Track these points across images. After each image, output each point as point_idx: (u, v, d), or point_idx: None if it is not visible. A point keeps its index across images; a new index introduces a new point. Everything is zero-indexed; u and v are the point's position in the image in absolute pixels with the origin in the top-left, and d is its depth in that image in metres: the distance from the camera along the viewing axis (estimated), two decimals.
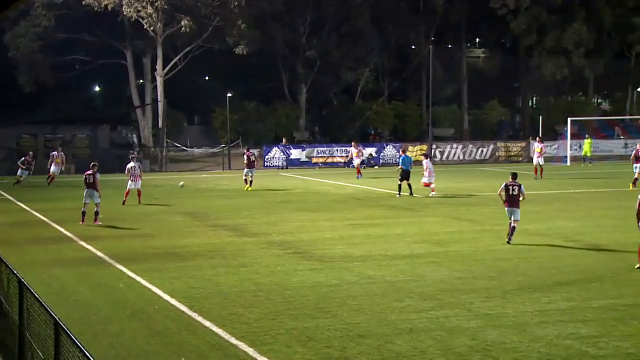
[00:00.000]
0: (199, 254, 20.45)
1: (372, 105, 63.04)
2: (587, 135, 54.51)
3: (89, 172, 25.81)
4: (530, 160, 56.98)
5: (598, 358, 11.52)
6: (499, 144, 58.02)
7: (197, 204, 31.65)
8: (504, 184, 21.62)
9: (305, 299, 15.33)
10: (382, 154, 55.30)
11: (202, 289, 16.28)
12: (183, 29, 52.53)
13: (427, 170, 33.04)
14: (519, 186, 21.41)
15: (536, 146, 43.30)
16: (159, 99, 56.52)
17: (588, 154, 52.38)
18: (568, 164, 52.73)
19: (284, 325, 13.47)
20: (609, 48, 66.25)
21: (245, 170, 37.01)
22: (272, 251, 20.72)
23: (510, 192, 21.38)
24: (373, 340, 12.53)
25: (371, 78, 68.44)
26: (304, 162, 52.92)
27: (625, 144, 58.46)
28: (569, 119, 55.85)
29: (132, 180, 31.16)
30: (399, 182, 33.17)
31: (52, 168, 41.08)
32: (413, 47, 67.21)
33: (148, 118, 58.43)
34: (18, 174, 40.01)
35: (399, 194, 33.04)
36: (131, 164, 31.30)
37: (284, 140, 52.67)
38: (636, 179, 35.12)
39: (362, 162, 47.10)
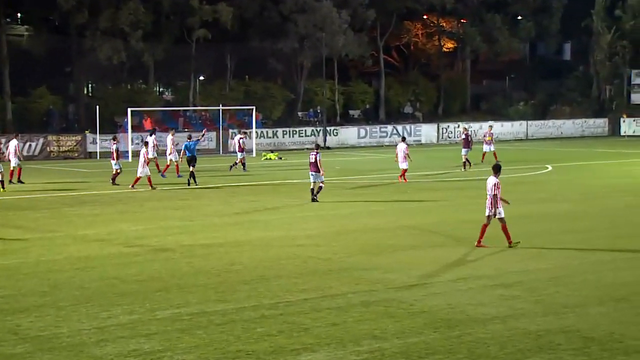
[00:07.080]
0: None
1: None
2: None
3: None
4: (87, 155, 57.25)
5: None
6: (50, 138, 57.13)
7: None
8: (310, 154, 30.97)
9: None
10: None
11: None
12: None
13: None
14: (317, 154, 30.72)
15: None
16: None
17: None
18: (130, 160, 53.70)
19: None
20: (169, 32, 68.72)
21: None
22: None
23: (311, 160, 30.73)
24: None
25: None
26: None
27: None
28: (129, 110, 56.99)
29: None
30: (191, 170, 38.03)
31: None
32: None
33: None
34: None
35: (195, 183, 37.61)
36: None
37: None
38: (465, 162, 44.55)
39: None
